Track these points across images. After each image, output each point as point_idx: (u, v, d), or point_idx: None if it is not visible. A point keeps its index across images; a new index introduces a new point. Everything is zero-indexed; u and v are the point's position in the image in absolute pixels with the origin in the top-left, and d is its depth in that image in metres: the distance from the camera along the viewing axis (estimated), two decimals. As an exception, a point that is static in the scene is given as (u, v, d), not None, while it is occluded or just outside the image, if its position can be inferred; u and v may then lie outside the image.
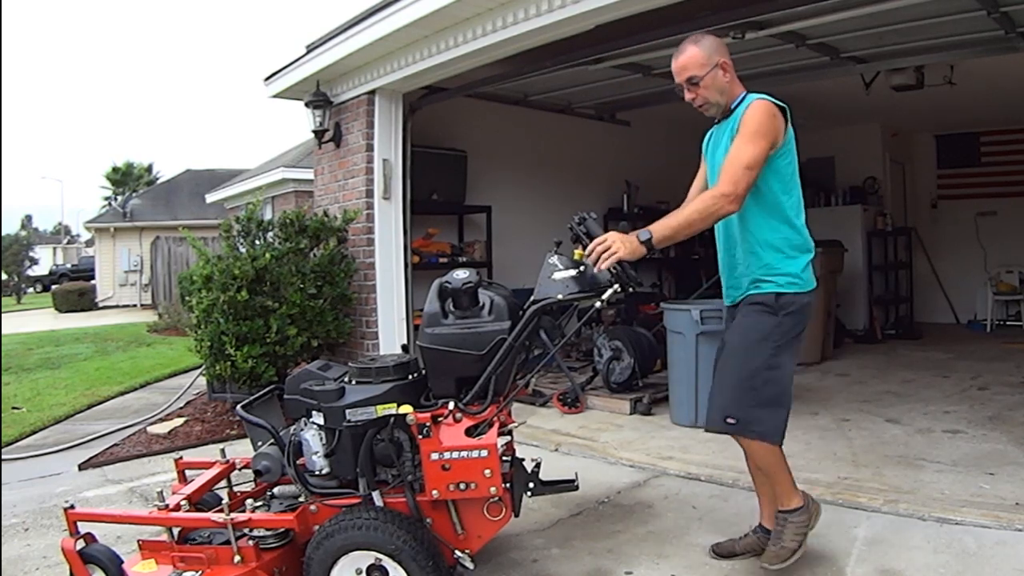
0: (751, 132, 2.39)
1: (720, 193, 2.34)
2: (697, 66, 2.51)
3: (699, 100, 2.56)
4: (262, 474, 2.58)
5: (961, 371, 6.05)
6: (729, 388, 2.51)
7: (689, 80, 2.53)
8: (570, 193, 7.59)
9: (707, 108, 2.59)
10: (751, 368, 2.46)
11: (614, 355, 5.25)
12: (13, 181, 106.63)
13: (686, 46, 2.55)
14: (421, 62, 4.91)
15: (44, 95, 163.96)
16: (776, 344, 2.47)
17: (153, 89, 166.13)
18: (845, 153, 9.03)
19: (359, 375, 2.44)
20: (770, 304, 2.48)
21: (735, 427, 2.46)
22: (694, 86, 2.53)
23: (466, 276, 2.41)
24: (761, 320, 2.49)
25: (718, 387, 2.57)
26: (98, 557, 2.40)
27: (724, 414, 2.47)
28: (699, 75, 2.51)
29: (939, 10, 4.36)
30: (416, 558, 2.18)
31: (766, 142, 2.39)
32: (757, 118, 2.41)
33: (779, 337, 2.47)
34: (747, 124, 2.42)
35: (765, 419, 2.46)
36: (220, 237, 5.49)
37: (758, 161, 2.37)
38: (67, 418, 5.94)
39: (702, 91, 2.54)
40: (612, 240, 2.26)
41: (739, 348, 2.53)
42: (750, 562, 2.69)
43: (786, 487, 2.55)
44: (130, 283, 20.78)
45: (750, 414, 2.44)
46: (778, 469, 2.54)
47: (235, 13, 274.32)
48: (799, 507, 2.54)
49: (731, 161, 2.39)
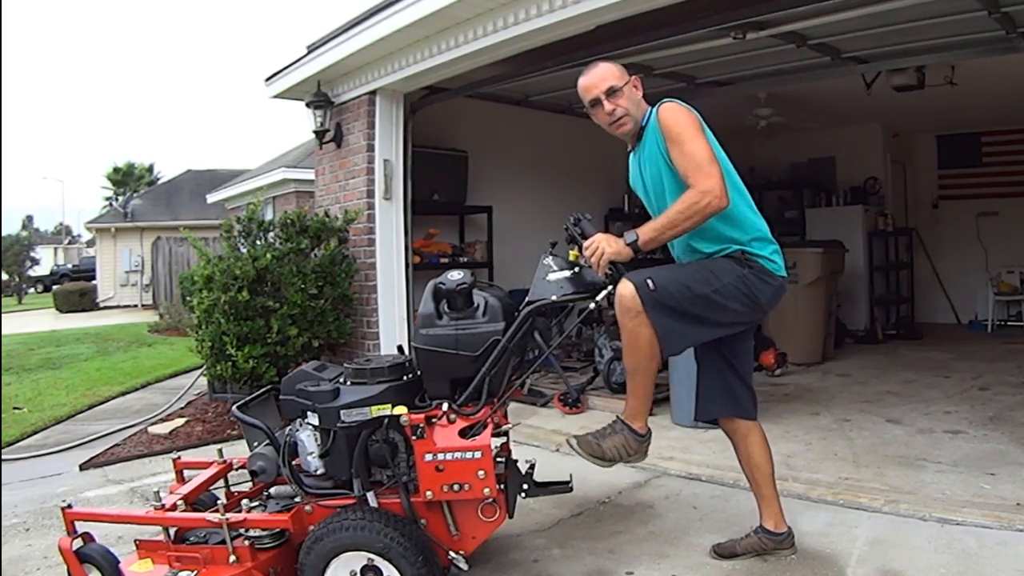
0: (685, 131, 2.37)
1: (701, 189, 2.29)
2: (614, 78, 2.52)
3: (619, 112, 2.51)
4: (258, 474, 2.58)
5: (962, 371, 6.04)
6: (670, 271, 2.47)
7: (609, 91, 2.50)
8: (571, 193, 7.58)
9: (626, 122, 2.54)
10: (698, 278, 2.41)
11: (615, 355, 5.25)
12: (14, 181, 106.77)
13: (595, 65, 2.57)
14: (422, 62, 4.90)
15: (45, 95, 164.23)
16: (733, 284, 2.40)
17: (154, 89, 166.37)
18: (846, 153, 9.02)
19: (354, 376, 2.44)
20: (737, 258, 2.46)
21: (646, 293, 2.31)
22: (614, 96, 2.50)
23: (460, 277, 2.42)
24: (727, 263, 2.45)
25: (662, 267, 2.49)
26: (94, 557, 2.41)
27: (650, 276, 2.36)
28: (618, 85, 2.50)
29: (940, 10, 4.35)
30: (406, 556, 2.19)
31: (702, 135, 2.38)
32: (678, 119, 2.40)
33: (738, 280, 2.41)
34: (673, 128, 2.39)
35: (676, 323, 2.36)
36: (221, 237, 5.49)
37: (712, 153, 2.35)
38: (68, 418, 5.94)
39: (622, 101, 2.50)
40: (599, 241, 2.29)
41: (697, 264, 2.49)
42: (751, 562, 2.69)
43: (642, 406, 2.49)
44: (131, 283, 20.81)
45: (666, 299, 2.33)
46: (646, 376, 2.44)
47: (236, 14, 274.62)
48: (640, 432, 2.47)
49: (692, 163, 2.33)
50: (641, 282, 2.33)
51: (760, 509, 2.75)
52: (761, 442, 2.72)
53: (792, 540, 2.72)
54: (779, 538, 2.70)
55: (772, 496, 2.72)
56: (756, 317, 2.62)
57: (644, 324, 2.34)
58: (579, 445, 2.42)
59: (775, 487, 2.73)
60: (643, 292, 2.32)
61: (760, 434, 2.73)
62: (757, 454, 2.71)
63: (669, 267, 2.54)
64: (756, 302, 2.46)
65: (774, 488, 2.72)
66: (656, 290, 2.33)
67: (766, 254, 2.49)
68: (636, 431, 2.47)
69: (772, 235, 2.57)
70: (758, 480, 2.72)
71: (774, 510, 2.71)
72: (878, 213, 8.59)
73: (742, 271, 2.44)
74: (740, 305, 2.44)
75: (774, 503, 2.72)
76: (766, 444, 2.73)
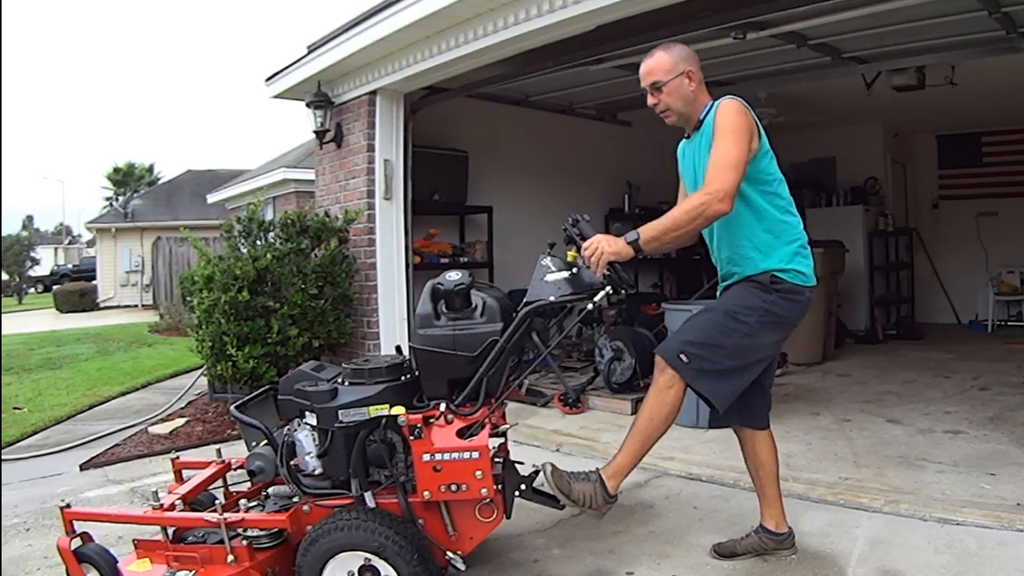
0: (727, 131, 2.38)
1: (707, 192, 2.31)
2: (662, 71, 2.53)
3: (661, 106, 2.58)
4: (255, 474, 2.58)
5: (962, 371, 6.04)
6: (697, 332, 2.47)
7: (653, 84, 2.55)
8: (571, 193, 7.59)
9: (668, 115, 2.59)
10: (726, 328, 2.43)
11: (615, 355, 5.24)
12: (14, 181, 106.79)
13: (655, 51, 2.58)
14: (422, 62, 4.91)
15: (45, 95, 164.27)
16: (759, 320, 2.44)
17: (154, 89, 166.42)
18: (846, 153, 9.02)
19: (352, 376, 2.44)
20: (763, 282, 2.47)
21: (682, 367, 2.38)
22: (657, 91, 2.55)
23: (458, 277, 2.41)
24: (751, 292, 2.48)
25: (688, 326, 2.53)
26: (92, 556, 2.40)
27: (681, 349, 2.40)
28: (663, 80, 2.53)
29: (940, 10, 4.35)
30: (401, 554, 2.18)
31: (745, 138, 2.37)
32: (729, 117, 2.41)
33: (764, 314, 2.44)
34: (721, 125, 2.41)
35: (721, 383, 2.41)
36: (221, 237, 5.49)
37: (741, 159, 2.35)
38: (68, 418, 5.94)
39: (664, 97, 2.55)
40: (598, 241, 2.28)
41: (720, 309, 2.51)
42: (752, 562, 2.69)
43: (632, 458, 2.44)
44: (131, 283, 20.83)
45: (704, 364, 2.38)
46: (651, 441, 2.43)
47: (236, 14, 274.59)
48: (610, 492, 2.43)
49: (715, 161, 2.36)
50: (674, 358, 2.39)
51: (761, 508, 2.75)
52: (769, 442, 2.71)
53: (793, 540, 2.72)
54: (780, 538, 2.70)
55: (775, 496, 2.71)
56: (790, 333, 2.62)
57: (676, 391, 2.40)
58: (552, 476, 2.39)
59: (779, 487, 2.73)
60: (680, 368, 2.39)
61: (769, 435, 2.72)
62: (763, 452, 2.70)
63: (692, 327, 2.52)
64: (787, 322, 2.50)
65: (778, 488, 2.72)
66: (691, 362, 2.38)
67: (800, 268, 2.49)
68: (607, 490, 2.43)
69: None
70: (762, 479, 2.72)
71: (776, 510, 2.71)
72: (878, 213, 8.59)
73: (768, 297, 2.46)
74: (773, 333, 2.48)
75: (776, 503, 2.72)
76: (773, 444, 2.72)
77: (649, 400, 2.44)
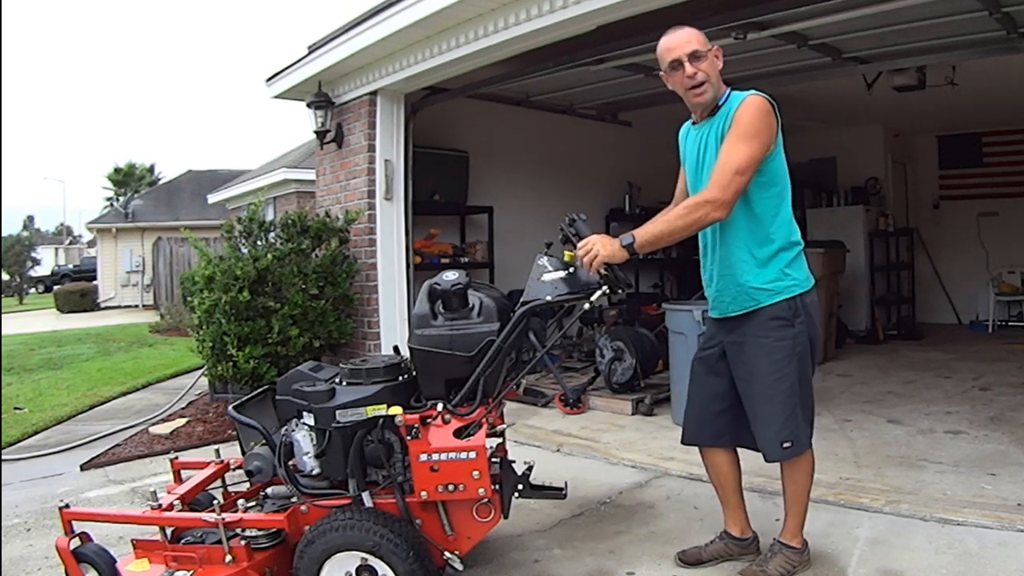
0: (745, 132, 2.28)
1: (706, 199, 2.26)
2: (699, 42, 2.37)
3: (700, 76, 2.36)
4: (253, 474, 2.58)
5: (963, 372, 6.03)
6: (774, 415, 2.42)
7: (692, 55, 2.36)
8: (572, 194, 7.58)
9: (706, 90, 2.39)
10: (788, 387, 2.40)
11: (616, 356, 5.24)
12: (15, 181, 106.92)
13: (679, 28, 2.42)
14: (423, 63, 4.90)
15: (46, 96, 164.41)
16: (798, 358, 2.42)
17: (155, 90, 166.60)
18: (847, 154, 9.02)
19: (350, 376, 2.44)
20: (784, 315, 2.40)
21: (792, 449, 2.42)
22: (696, 60, 2.36)
23: (455, 277, 2.41)
24: (777, 345, 2.40)
25: (760, 415, 2.45)
26: (91, 556, 2.40)
27: (780, 440, 2.41)
28: (702, 50, 2.36)
29: (941, 11, 4.35)
30: (397, 552, 2.18)
31: (761, 144, 2.28)
32: (752, 117, 2.29)
33: (798, 348, 2.42)
34: (740, 123, 2.30)
35: (807, 429, 2.48)
36: (222, 238, 5.49)
37: (751, 165, 2.27)
38: (69, 418, 5.94)
39: (704, 66, 2.36)
40: (594, 242, 2.26)
41: (769, 372, 2.41)
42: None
43: (800, 519, 2.55)
44: (132, 284, 20.85)
45: (800, 430, 2.43)
46: (808, 486, 2.54)
47: (237, 14, 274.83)
48: (798, 548, 2.55)
49: (722, 164, 2.28)
50: (782, 451, 2.42)
51: (725, 515, 2.74)
52: (731, 454, 2.69)
53: (757, 545, 2.71)
54: (744, 543, 2.70)
55: (738, 503, 2.72)
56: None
57: (806, 459, 2.50)
58: None
59: (742, 495, 2.73)
60: (792, 451, 2.43)
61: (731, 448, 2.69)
62: (724, 465, 2.69)
63: (765, 416, 2.44)
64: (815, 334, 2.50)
65: (741, 496, 2.72)
66: (793, 442, 2.41)
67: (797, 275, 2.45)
68: (794, 548, 2.55)
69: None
70: (724, 488, 2.71)
71: (740, 516, 2.71)
72: (879, 213, 8.59)
73: (792, 332, 2.41)
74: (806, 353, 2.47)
75: (740, 510, 2.72)
76: (736, 457, 2.71)
77: (795, 480, 2.53)
